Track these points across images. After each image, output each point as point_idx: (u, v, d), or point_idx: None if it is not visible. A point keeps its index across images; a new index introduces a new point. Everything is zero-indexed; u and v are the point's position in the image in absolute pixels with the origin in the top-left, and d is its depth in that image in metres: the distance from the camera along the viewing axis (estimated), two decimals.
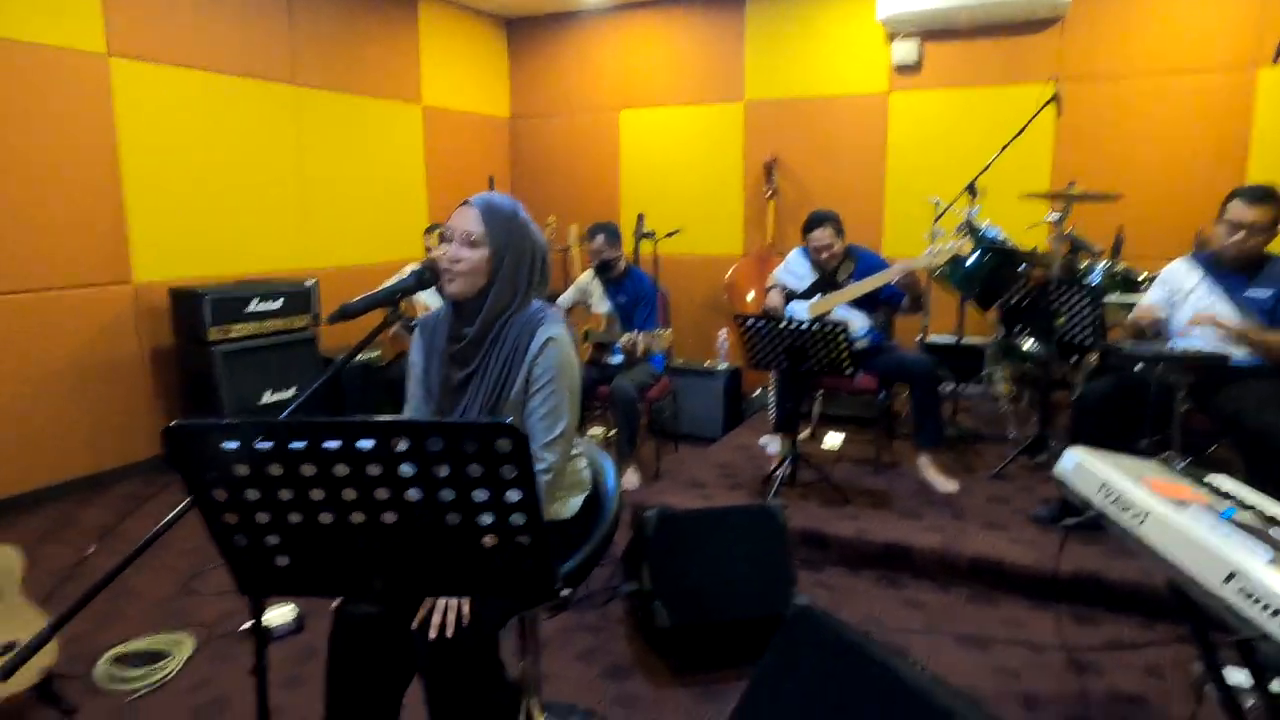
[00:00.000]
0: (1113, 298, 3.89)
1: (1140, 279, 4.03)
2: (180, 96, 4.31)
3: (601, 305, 4.15)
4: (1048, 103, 4.08)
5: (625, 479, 3.92)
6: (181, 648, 2.62)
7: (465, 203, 1.79)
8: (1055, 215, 3.99)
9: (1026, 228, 4.38)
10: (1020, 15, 4.91)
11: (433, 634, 1.56)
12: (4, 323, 3.69)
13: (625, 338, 3.78)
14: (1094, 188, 4.20)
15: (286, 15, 4.81)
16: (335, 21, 5.11)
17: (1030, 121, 4.14)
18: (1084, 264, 4.22)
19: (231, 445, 1.11)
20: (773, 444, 4.17)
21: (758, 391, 5.24)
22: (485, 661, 1.68)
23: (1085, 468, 1.99)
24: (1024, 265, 4.32)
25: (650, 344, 3.73)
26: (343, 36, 5.18)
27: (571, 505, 1.93)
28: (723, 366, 4.98)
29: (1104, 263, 4.16)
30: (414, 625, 1.59)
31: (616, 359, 4.07)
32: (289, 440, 1.09)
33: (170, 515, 1.32)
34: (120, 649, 2.61)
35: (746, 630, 2.56)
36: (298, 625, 2.74)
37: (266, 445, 1.10)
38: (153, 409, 4.31)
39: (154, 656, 2.58)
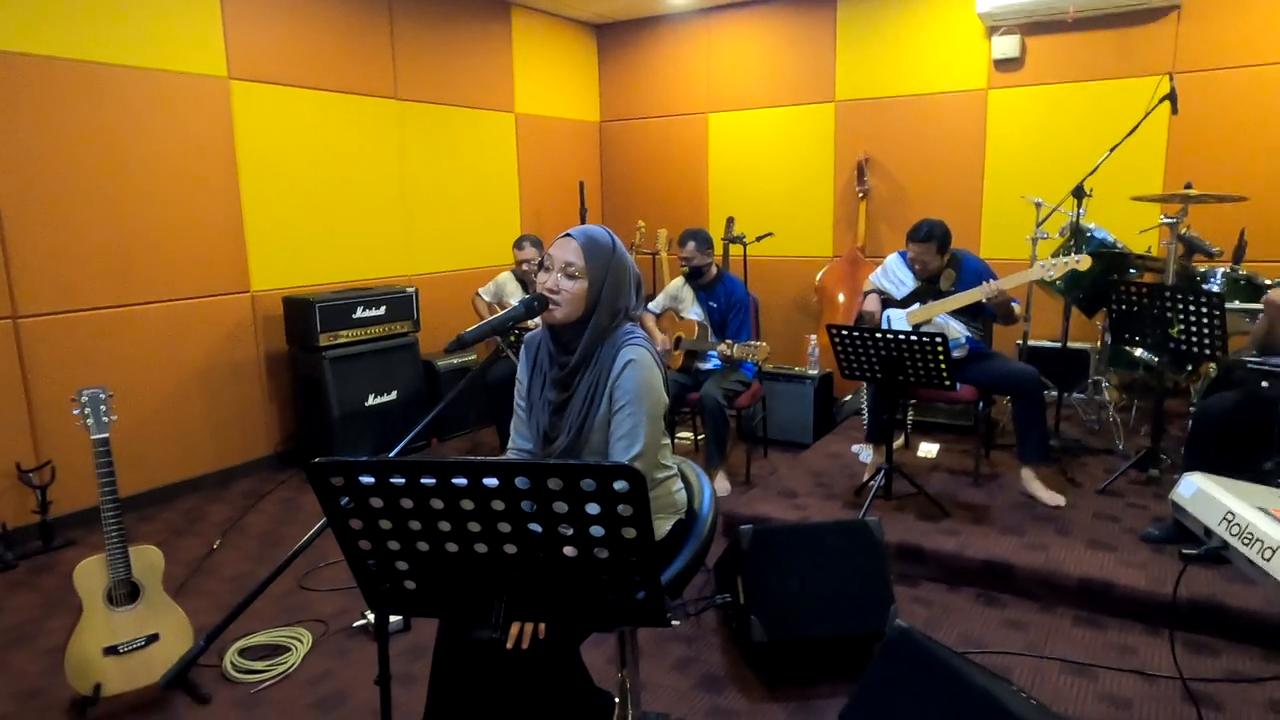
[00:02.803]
0: (1234, 305, 3.68)
1: (1267, 285, 3.79)
2: (293, 115, 4.55)
3: (692, 312, 4.17)
4: (1164, 99, 3.86)
5: (715, 485, 3.94)
6: (301, 642, 2.80)
7: (566, 234, 1.85)
8: (1170, 218, 3.78)
9: (1138, 232, 4.19)
10: (1132, 4, 4.68)
11: (509, 644, 1.60)
12: (142, 331, 3.99)
13: (721, 349, 3.80)
14: (1213, 188, 3.96)
15: (388, 33, 5.02)
16: (433, 37, 5.29)
17: (1144, 119, 3.93)
18: (1201, 269, 4.00)
19: (368, 480, 1.19)
20: (865, 453, 4.12)
21: (849, 397, 5.17)
22: (565, 672, 1.73)
23: (1206, 495, 1.90)
24: (1133, 270, 4.13)
25: (746, 355, 3.73)
26: (441, 50, 5.36)
27: (661, 528, 1.95)
28: (813, 371, 4.94)
29: (1224, 267, 3.94)
30: (509, 645, 1.62)
31: (708, 365, 4.09)
32: (420, 476, 1.17)
33: (307, 536, 1.43)
34: (245, 641, 2.80)
35: (842, 648, 2.55)
36: (405, 624, 2.89)
37: (399, 480, 1.18)
38: (269, 410, 4.59)
39: (276, 649, 2.76)
